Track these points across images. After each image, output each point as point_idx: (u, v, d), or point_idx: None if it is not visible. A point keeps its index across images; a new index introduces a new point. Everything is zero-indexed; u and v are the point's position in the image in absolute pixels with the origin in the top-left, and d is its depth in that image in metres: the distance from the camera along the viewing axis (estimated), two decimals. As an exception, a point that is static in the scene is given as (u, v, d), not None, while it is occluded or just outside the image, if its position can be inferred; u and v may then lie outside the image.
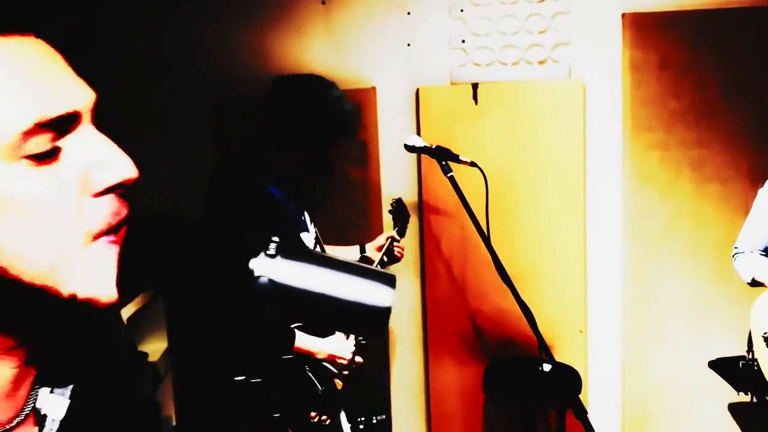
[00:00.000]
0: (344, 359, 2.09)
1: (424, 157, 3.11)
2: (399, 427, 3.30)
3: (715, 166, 3.08)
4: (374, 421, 2.69)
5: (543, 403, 3.02)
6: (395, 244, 2.53)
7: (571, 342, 3.23)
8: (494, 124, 3.11)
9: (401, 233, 2.58)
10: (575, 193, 3.15)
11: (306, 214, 2.20)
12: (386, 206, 3.20)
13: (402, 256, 2.54)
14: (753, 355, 2.40)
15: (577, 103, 3.10)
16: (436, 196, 3.15)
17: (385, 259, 2.48)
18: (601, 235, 3.21)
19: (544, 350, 1.92)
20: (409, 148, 2.25)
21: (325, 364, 2.06)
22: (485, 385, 3.04)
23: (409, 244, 3.10)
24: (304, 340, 2.02)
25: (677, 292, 3.16)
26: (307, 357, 2.01)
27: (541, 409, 3.04)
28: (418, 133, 3.11)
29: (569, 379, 3.00)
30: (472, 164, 2.12)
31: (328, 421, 2.06)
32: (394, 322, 3.26)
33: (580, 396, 3.18)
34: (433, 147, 2.12)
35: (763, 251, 2.48)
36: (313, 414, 2.03)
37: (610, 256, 3.22)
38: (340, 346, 2.11)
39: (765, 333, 2.37)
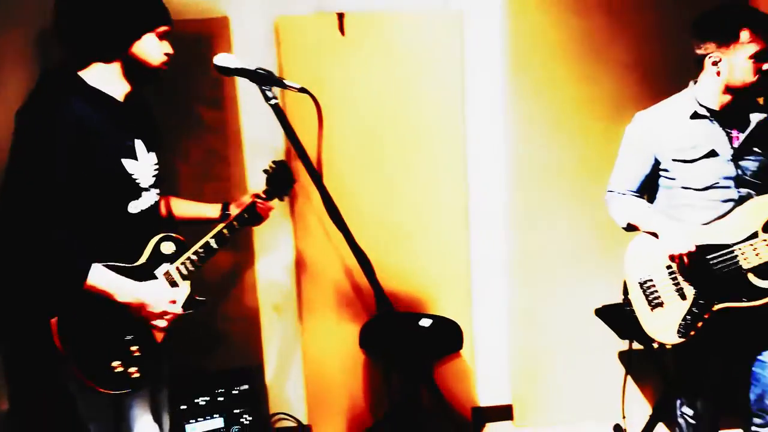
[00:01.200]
0: (160, 310, 1.81)
1: (289, 99, 2.78)
2: (274, 390, 3.04)
3: (602, 104, 2.87)
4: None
5: (421, 359, 2.82)
6: (263, 203, 2.21)
7: (456, 295, 3.02)
8: (364, 60, 2.80)
9: (272, 196, 2.25)
10: (455, 137, 2.89)
11: (139, 140, 1.87)
12: (250, 155, 2.88)
13: (267, 215, 2.23)
14: (629, 302, 2.24)
15: (455, 35, 2.82)
16: (306, 142, 2.83)
17: (246, 216, 2.16)
18: (485, 182, 2.99)
19: (382, 303, 1.67)
20: (221, 70, 1.92)
21: (148, 312, 1.81)
22: (362, 342, 2.81)
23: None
24: (103, 278, 1.74)
25: (564, 239, 2.98)
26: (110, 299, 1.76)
27: (418, 366, 2.83)
28: (281, 72, 2.77)
29: (450, 334, 2.80)
30: (302, 90, 1.82)
31: (136, 374, 1.80)
32: (265, 282, 2.98)
33: (465, 351, 3.01)
34: (252, 69, 1.79)
35: (636, 192, 2.29)
36: (115, 364, 1.77)
37: (494, 204, 3.00)
38: (156, 293, 1.82)
39: (641, 278, 2.20)
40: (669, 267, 2.15)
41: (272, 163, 2.25)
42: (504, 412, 3.17)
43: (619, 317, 2.59)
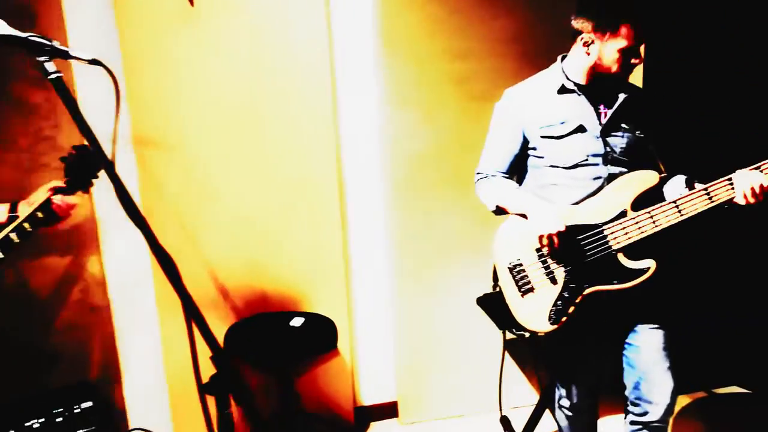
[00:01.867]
0: None
1: (133, 78, 2.46)
2: (133, 403, 2.72)
3: (481, 81, 2.72)
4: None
5: (290, 361, 2.58)
6: (62, 198, 1.89)
7: (333, 291, 2.80)
8: (218, 36, 2.51)
9: (76, 187, 1.93)
10: (325, 123, 2.67)
11: None
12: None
13: (67, 213, 1.91)
14: (499, 289, 2.09)
15: (320, 9, 2.58)
16: (154, 126, 2.53)
17: (40, 215, 1.84)
18: (360, 169, 2.78)
19: (189, 315, 1.41)
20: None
21: None
22: (227, 347, 2.54)
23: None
24: None
25: (446, 227, 2.83)
26: None
27: (288, 368, 2.60)
28: (121, 44, 2.44)
29: (322, 332, 2.59)
30: (93, 62, 1.52)
31: None
32: (118, 286, 2.65)
33: (346, 349, 2.80)
34: (23, 36, 1.48)
35: (506, 173, 2.15)
36: None
37: (371, 193, 2.80)
38: None
39: (510, 262, 2.05)
40: (538, 250, 2.02)
41: (72, 148, 1.94)
42: (389, 410, 3.00)
43: (499, 306, 2.45)
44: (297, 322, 2.59)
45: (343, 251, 2.79)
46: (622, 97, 1.98)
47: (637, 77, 2.79)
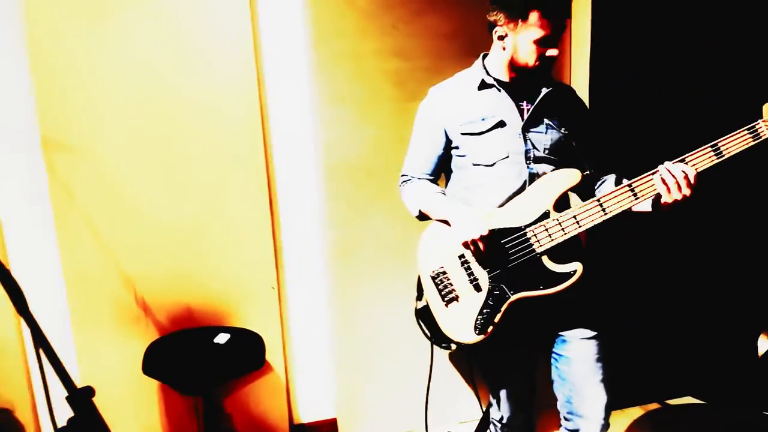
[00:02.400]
0: None
1: (41, 77, 2.31)
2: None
3: (418, 79, 2.60)
4: None
5: (210, 383, 2.42)
6: None
7: (264, 302, 2.65)
8: (135, 31, 2.37)
9: None
10: (251, 120, 2.53)
11: None
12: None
13: None
14: (425, 301, 1.96)
15: (245, 2, 2.45)
16: (64, 128, 2.37)
17: None
18: (293, 172, 2.64)
19: (40, 349, 1.26)
20: None
21: None
22: (145, 367, 2.37)
23: (32, 191, 2.33)
24: None
25: (386, 232, 2.69)
26: None
27: (209, 390, 2.44)
28: (28, 41, 2.29)
29: (249, 349, 2.43)
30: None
31: None
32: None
33: (279, 364, 2.65)
34: None
35: (431, 175, 2.03)
36: None
37: (305, 197, 2.66)
38: None
39: (433, 271, 1.92)
40: (462, 256, 1.89)
41: None
42: (329, 428, 2.85)
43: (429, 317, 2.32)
44: (222, 338, 2.43)
45: (275, 261, 2.64)
46: (544, 91, 1.87)
47: (583, 90, 2.70)
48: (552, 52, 1.78)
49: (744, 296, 3.00)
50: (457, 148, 1.94)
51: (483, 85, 1.89)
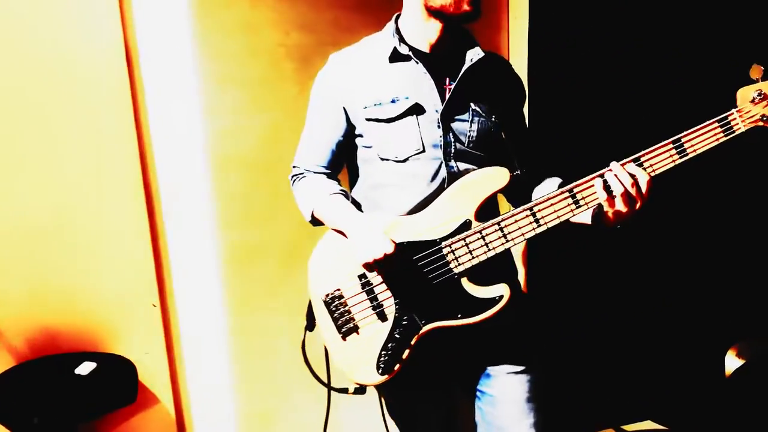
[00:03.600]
0: None
1: None
2: None
3: (323, 57, 2.17)
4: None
5: (70, 423, 1.98)
6: None
7: (143, 321, 2.21)
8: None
9: None
10: (121, 107, 2.07)
11: None
12: None
13: None
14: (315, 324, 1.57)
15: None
16: None
17: None
18: (177, 167, 2.20)
19: None
20: None
21: None
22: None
23: None
24: None
25: (290, 237, 2.28)
26: None
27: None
28: None
29: (117, 381, 2.00)
30: None
31: None
32: None
33: (166, 396, 2.22)
34: None
35: (328, 168, 1.62)
36: None
37: (192, 196, 2.22)
38: None
39: (326, 294, 1.52)
40: (363, 276, 1.50)
41: None
42: (229, 468, 2.43)
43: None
44: (85, 368, 1.99)
45: (157, 273, 2.20)
46: (469, 62, 1.47)
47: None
48: None
49: (709, 310, 2.70)
50: (360, 136, 1.55)
51: (396, 56, 1.49)
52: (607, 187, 1.34)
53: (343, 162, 1.64)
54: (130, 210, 2.11)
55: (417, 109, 1.47)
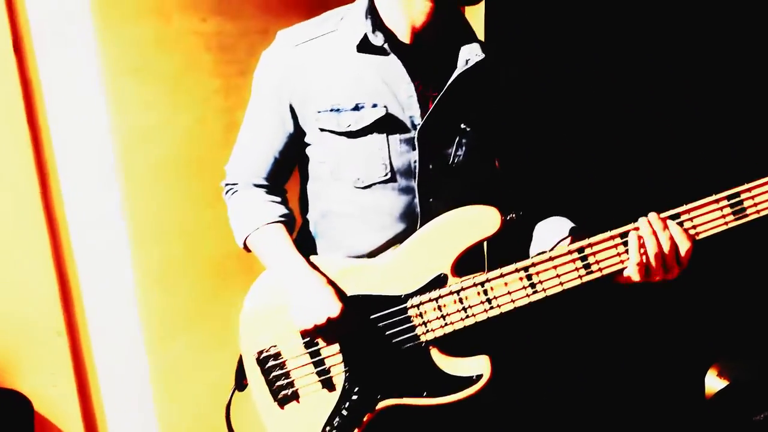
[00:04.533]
0: None
1: None
2: None
3: (249, 48, 1.77)
4: None
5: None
6: None
7: (47, 351, 1.84)
8: None
9: None
10: (9, 105, 1.64)
11: None
12: None
13: None
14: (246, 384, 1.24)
15: None
16: None
17: None
18: (83, 177, 1.77)
19: None
20: None
21: None
22: None
23: None
24: None
25: (217, 255, 1.91)
26: None
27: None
28: None
29: (9, 419, 1.65)
30: None
31: None
32: None
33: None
34: None
35: (268, 182, 1.27)
36: None
37: (103, 210, 1.81)
38: None
39: (260, 351, 1.19)
40: (307, 333, 1.16)
41: None
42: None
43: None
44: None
45: (61, 297, 1.81)
46: (464, 64, 1.10)
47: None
48: None
49: (688, 326, 2.46)
50: (310, 145, 1.19)
51: (365, 46, 1.11)
52: (635, 251, 1.01)
53: (290, 172, 1.28)
54: (26, 225, 1.71)
55: (388, 123, 1.11)
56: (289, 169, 1.27)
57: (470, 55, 1.10)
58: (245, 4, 1.75)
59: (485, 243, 1.17)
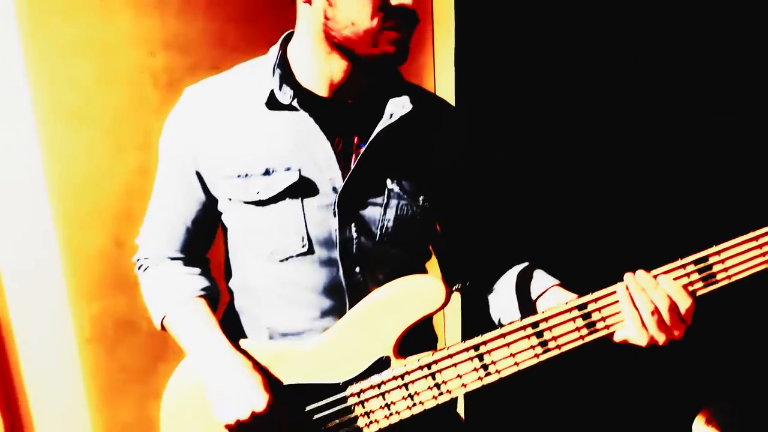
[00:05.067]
0: None
1: None
2: None
3: (185, 59, 1.66)
4: None
5: None
6: None
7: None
8: None
9: None
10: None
11: None
12: None
13: None
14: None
15: None
16: None
17: None
18: (15, 225, 1.64)
19: None
20: None
21: None
22: None
23: None
24: None
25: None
26: None
27: None
28: None
29: None
30: None
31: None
32: None
33: None
34: None
35: (183, 255, 1.13)
36: None
37: (36, 259, 1.67)
38: None
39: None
40: (234, 430, 1.01)
41: None
42: None
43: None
44: None
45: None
46: (388, 118, 0.99)
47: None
48: None
49: (675, 370, 2.34)
50: (223, 213, 1.07)
51: (274, 102, 0.99)
52: (626, 307, 0.89)
53: (210, 240, 1.15)
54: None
55: (303, 187, 0.98)
56: (207, 238, 1.14)
57: (396, 108, 0.99)
58: (196, 37, 1.62)
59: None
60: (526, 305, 1.03)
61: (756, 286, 0.91)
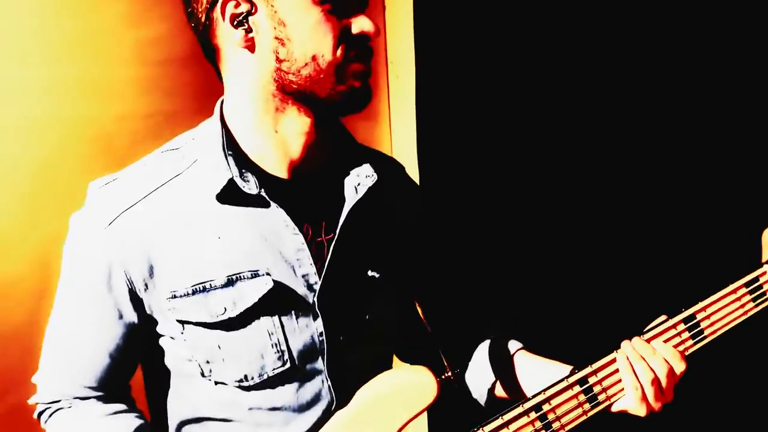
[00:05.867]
0: None
1: None
2: None
3: (129, 134, 1.46)
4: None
5: None
6: None
7: None
8: None
9: None
10: None
11: None
12: None
13: None
14: None
15: None
16: None
17: None
18: None
19: None
20: None
21: None
22: None
23: None
24: None
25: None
26: None
27: None
28: None
29: None
30: None
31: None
32: None
33: None
34: None
35: (100, 390, 0.92)
36: None
37: None
38: None
39: None
40: None
41: None
42: None
43: None
44: None
45: None
46: (353, 193, 0.90)
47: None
48: (363, 23, 0.82)
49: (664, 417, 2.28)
50: (164, 337, 0.90)
51: (232, 195, 0.85)
52: (627, 376, 0.87)
53: (134, 366, 0.96)
54: None
55: (278, 295, 0.85)
56: (134, 366, 0.96)
57: (359, 179, 0.89)
58: (120, 83, 1.43)
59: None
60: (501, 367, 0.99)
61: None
